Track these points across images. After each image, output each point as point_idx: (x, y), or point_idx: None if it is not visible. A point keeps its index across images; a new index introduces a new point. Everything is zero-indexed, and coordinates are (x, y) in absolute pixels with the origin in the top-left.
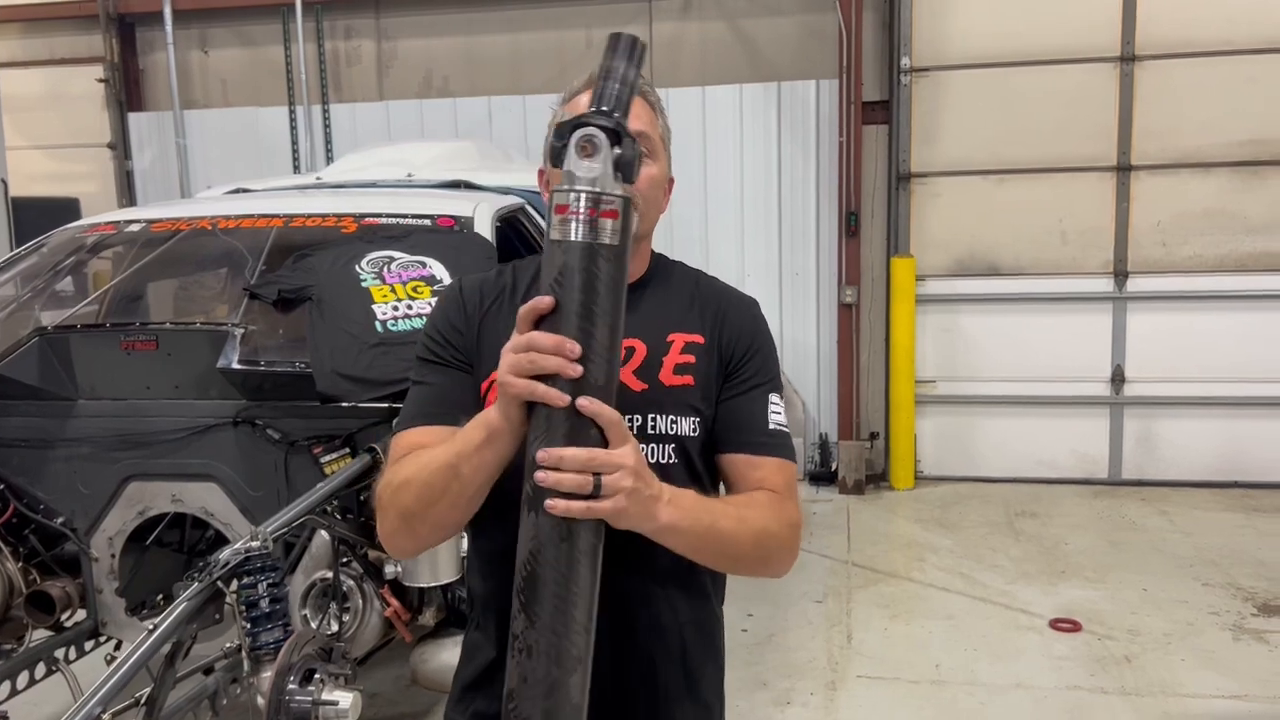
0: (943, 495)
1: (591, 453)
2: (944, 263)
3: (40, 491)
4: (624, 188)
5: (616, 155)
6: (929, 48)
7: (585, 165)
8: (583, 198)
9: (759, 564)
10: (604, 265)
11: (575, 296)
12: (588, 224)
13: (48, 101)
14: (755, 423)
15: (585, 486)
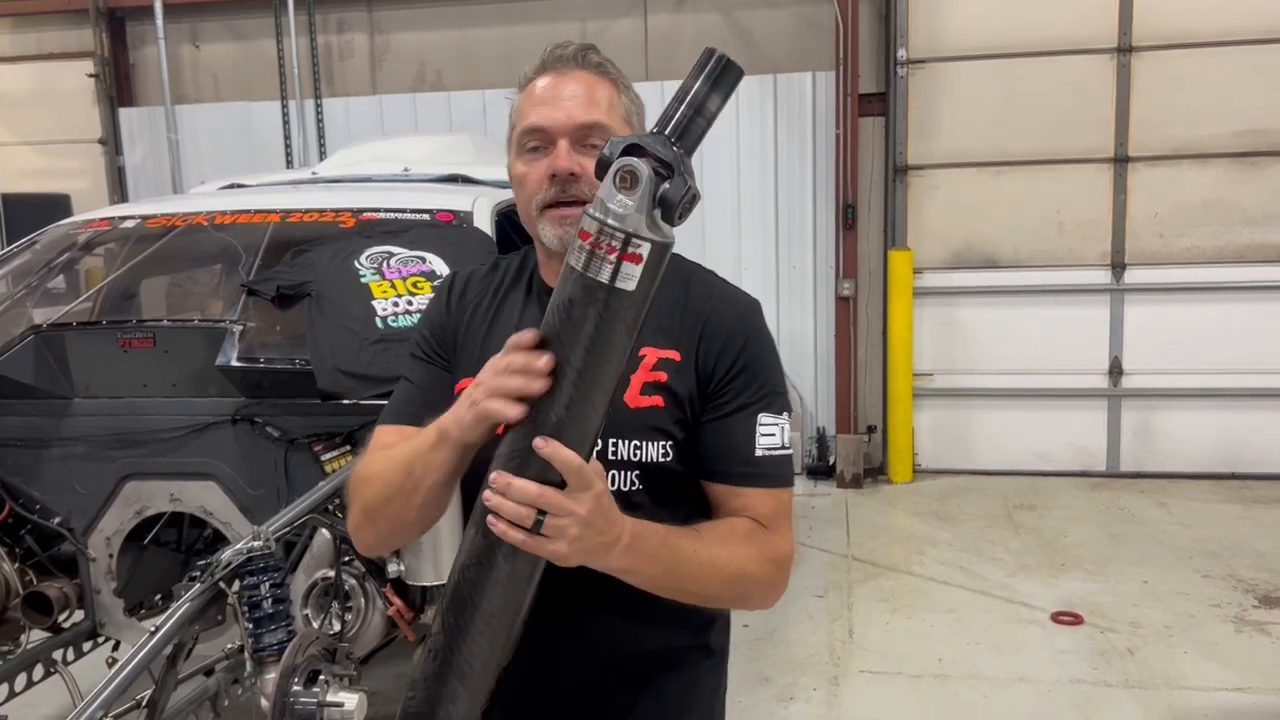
0: (941, 488)
1: (542, 490)
2: (942, 255)
3: (37, 491)
4: (663, 230)
5: (662, 192)
6: (925, 39)
7: (619, 199)
8: (606, 233)
9: (734, 602)
10: (611, 310)
11: (570, 332)
12: (605, 262)
13: (38, 97)
14: (737, 450)
15: (525, 520)
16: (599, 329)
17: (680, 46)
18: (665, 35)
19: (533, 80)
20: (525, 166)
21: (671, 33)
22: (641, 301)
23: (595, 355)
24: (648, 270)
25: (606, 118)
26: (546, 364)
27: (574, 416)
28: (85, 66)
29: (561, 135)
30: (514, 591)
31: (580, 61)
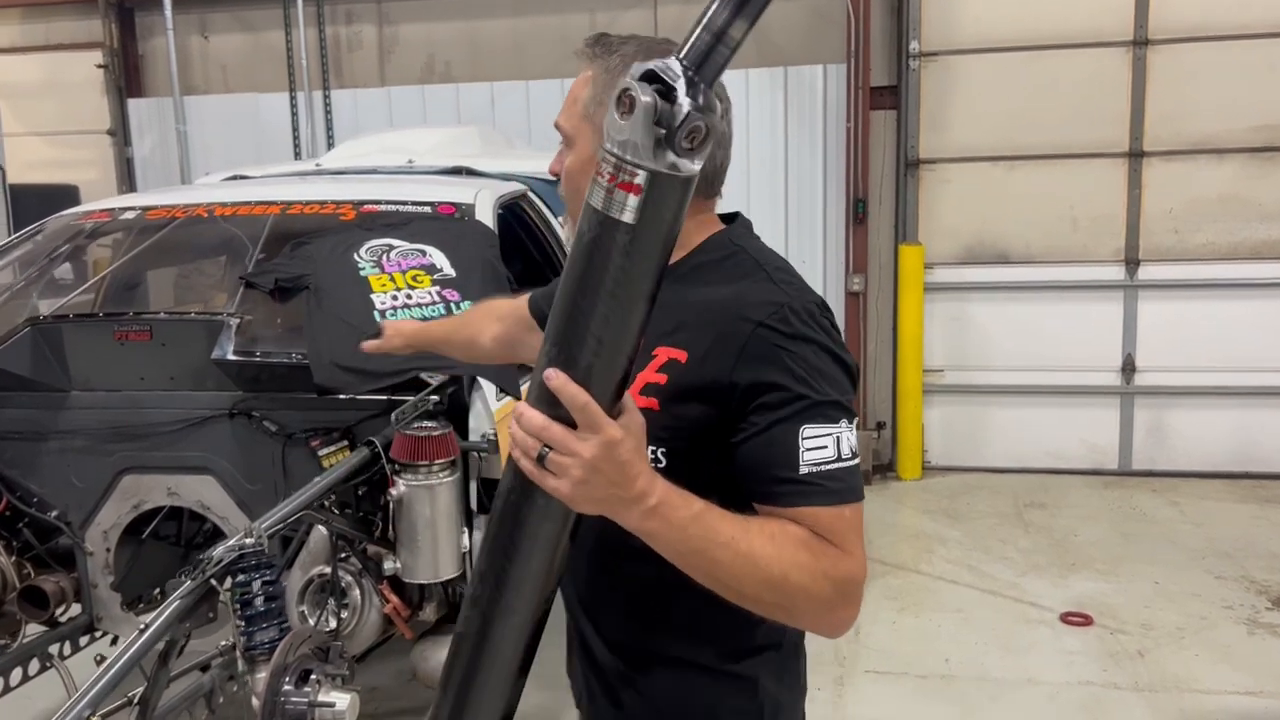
0: (951, 485)
1: (546, 423)
2: (953, 250)
3: (34, 484)
4: (668, 160)
5: (661, 122)
6: (938, 32)
7: (618, 124)
8: (604, 159)
9: (778, 612)
10: (614, 244)
11: (579, 265)
12: (605, 191)
13: (47, 88)
14: (775, 467)
15: (531, 450)
16: (605, 264)
17: None
18: (676, 27)
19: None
20: (557, 163)
21: (682, 24)
22: (656, 239)
23: (607, 293)
24: (652, 202)
25: (563, 119)
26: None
27: (589, 355)
28: (94, 57)
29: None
30: (547, 521)
31: (581, 55)
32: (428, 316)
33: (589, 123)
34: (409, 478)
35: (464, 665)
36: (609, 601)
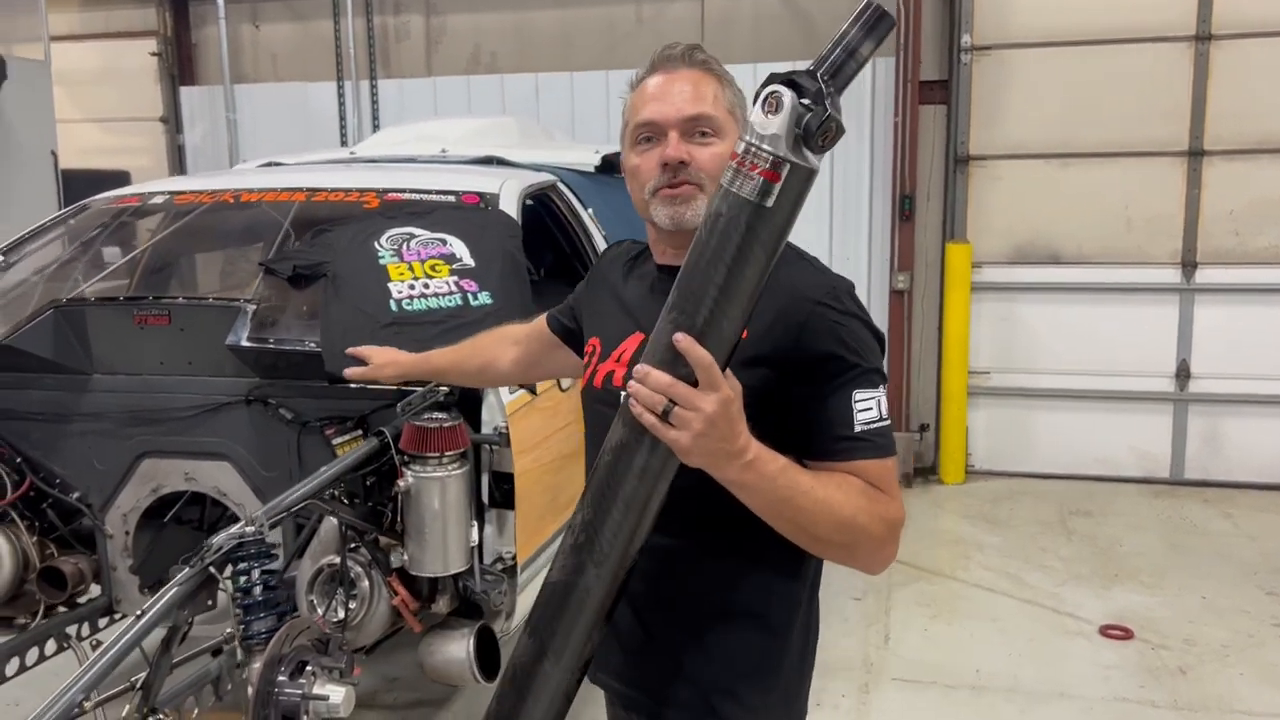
0: (994, 491)
1: (673, 381)
2: (1002, 249)
3: (57, 466)
4: (805, 156)
5: (806, 120)
6: (992, 25)
7: (762, 120)
8: (751, 151)
9: (844, 551)
10: (752, 224)
11: (715, 243)
12: (748, 178)
13: (103, 75)
14: (834, 426)
15: (656, 406)
16: (739, 242)
17: (737, 29)
18: (722, 18)
19: (644, 79)
20: (638, 158)
21: (729, 16)
22: (782, 223)
23: (734, 267)
24: (787, 190)
25: (712, 109)
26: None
27: (712, 322)
28: (149, 46)
29: (672, 127)
30: (646, 482)
31: (688, 60)
32: (443, 306)
33: (733, 118)
34: (418, 469)
35: (560, 608)
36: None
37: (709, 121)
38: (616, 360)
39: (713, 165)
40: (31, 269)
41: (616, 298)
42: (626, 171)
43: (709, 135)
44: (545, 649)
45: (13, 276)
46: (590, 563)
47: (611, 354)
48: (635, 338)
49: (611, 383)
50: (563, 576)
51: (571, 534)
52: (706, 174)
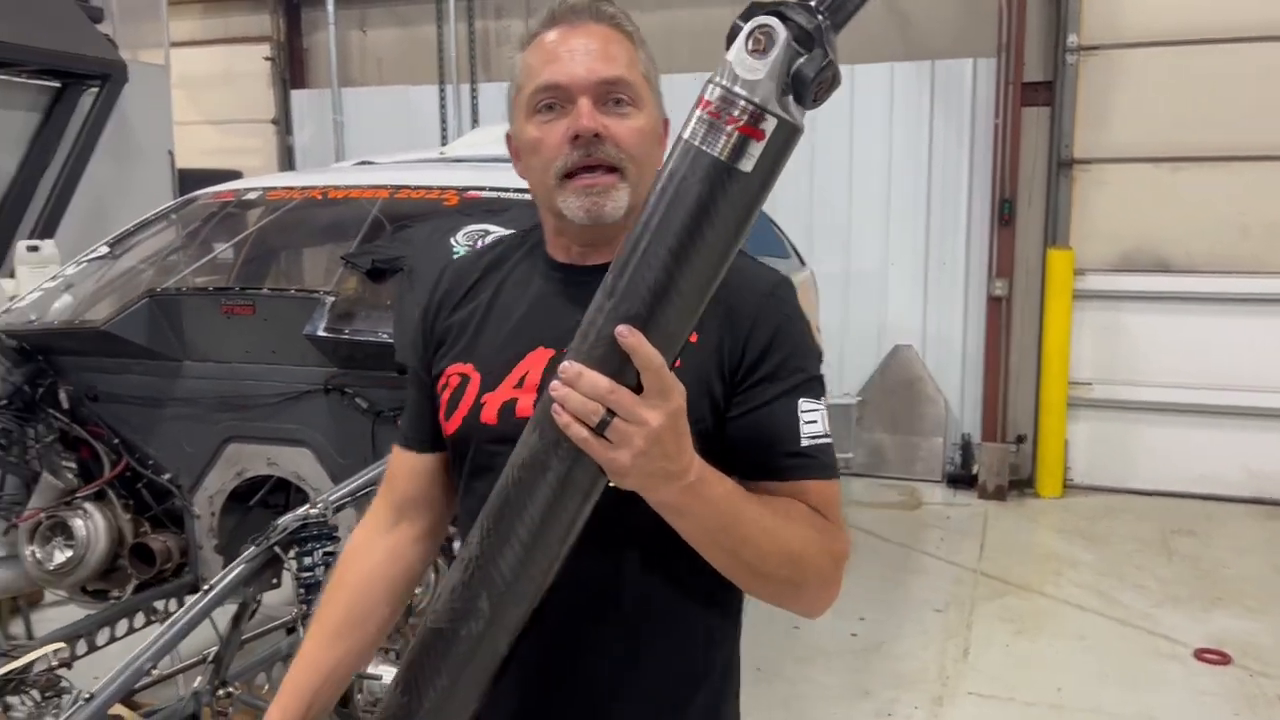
0: (1092, 506)
1: (614, 387)
2: (1107, 256)
3: (151, 448)
4: (792, 110)
5: (797, 65)
6: (1100, 24)
7: (747, 62)
8: (730, 100)
9: (787, 589)
10: (724, 192)
11: (670, 211)
12: (723, 134)
13: (220, 79)
14: (781, 440)
15: (591, 416)
16: (702, 213)
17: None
18: None
19: (540, 34)
20: (539, 130)
21: None
22: (757, 190)
23: (693, 245)
24: (769, 152)
25: (628, 73)
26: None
27: (662, 313)
28: (263, 50)
29: (582, 92)
30: (565, 504)
31: (594, 14)
32: None
33: (649, 84)
34: None
35: (443, 658)
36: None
37: (626, 88)
38: (517, 386)
39: (633, 142)
40: (134, 260)
41: (497, 311)
42: (522, 146)
43: (626, 104)
44: (419, 709)
45: (118, 267)
46: (485, 606)
47: (505, 379)
48: (538, 355)
49: (513, 415)
50: (448, 623)
51: (462, 571)
52: (627, 154)
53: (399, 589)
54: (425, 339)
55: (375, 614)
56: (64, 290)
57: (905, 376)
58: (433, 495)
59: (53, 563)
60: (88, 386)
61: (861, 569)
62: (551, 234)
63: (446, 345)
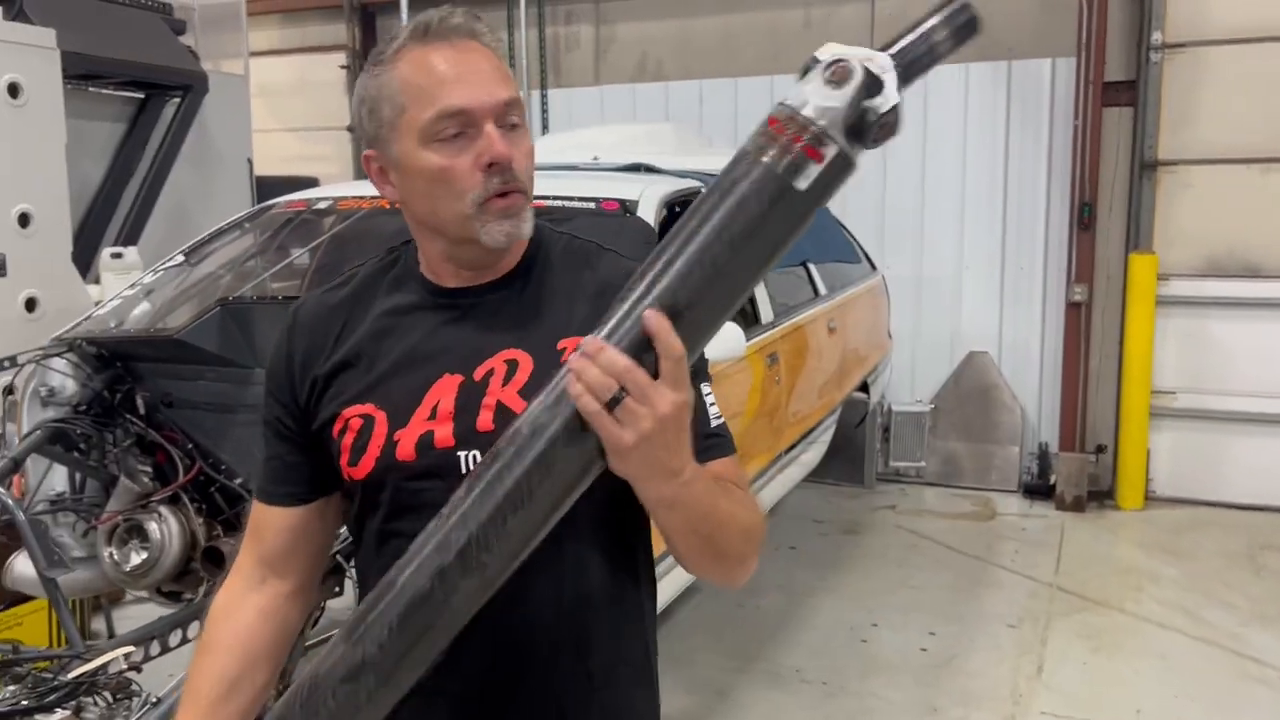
0: (1176, 519)
1: (632, 366)
2: (1193, 261)
3: (223, 453)
4: (850, 146)
5: (864, 105)
6: (1186, 20)
7: (821, 91)
8: (798, 121)
9: (736, 563)
10: (776, 206)
11: (721, 215)
12: (787, 152)
13: (297, 87)
14: (697, 424)
15: (604, 391)
16: (755, 221)
17: None
18: (893, 20)
19: (414, 51)
20: (443, 158)
21: (899, 18)
22: (804, 212)
23: (740, 248)
24: (823, 177)
25: (516, 91)
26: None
27: (695, 307)
28: (338, 59)
29: (486, 117)
30: (557, 482)
31: (471, 31)
32: None
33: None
34: None
35: (407, 618)
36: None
37: (518, 108)
38: (430, 418)
39: (528, 165)
40: (209, 268)
41: (385, 345)
42: (415, 173)
43: (518, 126)
44: (368, 664)
45: (193, 275)
46: (460, 569)
47: (415, 413)
48: (446, 382)
49: (433, 447)
50: (419, 580)
51: (438, 531)
52: (525, 176)
53: (276, 650)
54: (291, 388)
55: (252, 679)
56: (142, 298)
57: (980, 384)
58: (304, 549)
59: (129, 564)
60: (163, 392)
61: (932, 581)
62: (439, 259)
63: (330, 390)
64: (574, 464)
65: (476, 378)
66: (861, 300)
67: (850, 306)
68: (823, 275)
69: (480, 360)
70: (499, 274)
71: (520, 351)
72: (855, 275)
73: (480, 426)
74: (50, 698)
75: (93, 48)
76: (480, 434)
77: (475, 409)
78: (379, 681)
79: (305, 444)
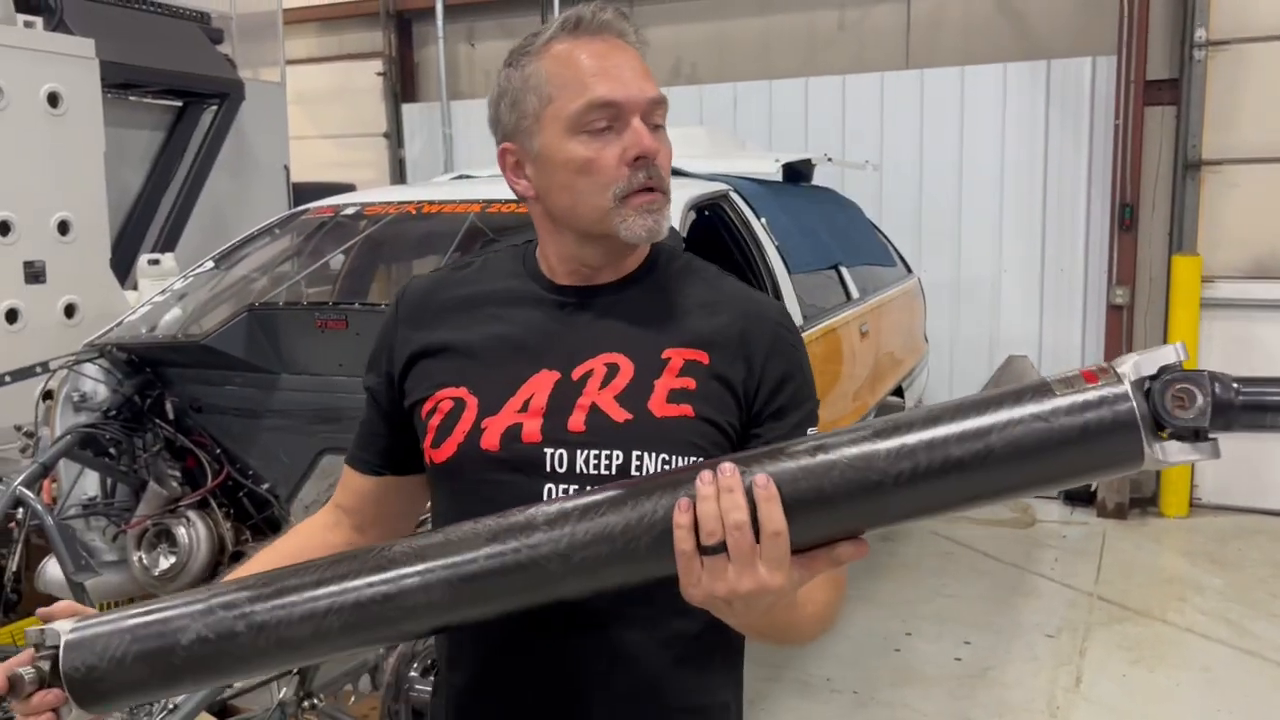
0: (1221, 527)
1: (744, 525)
2: (1239, 263)
3: (250, 458)
4: (1152, 453)
5: (1178, 416)
6: (1230, 17)
7: (1173, 412)
8: (1111, 378)
9: (806, 639)
10: (1040, 452)
11: (987, 439)
12: (1079, 394)
13: (335, 94)
14: None
15: (709, 534)
16: (1003, 441)
17: (945, 33)
18: (929, 21)
19: (563, 44)
20: (588, 149)
21: (936, 18)
22: (1057, 466)
23: (966, 474)
24: (1106, 448)
25: (659, 92)
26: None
27: (837, 498)
28: (375, 66)
29: (635, 112)
30: (622, 564)
31: (619, 30)
32: None
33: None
34: None
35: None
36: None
37: (663, 110)
38: (521, 410)
39: (669, 166)
40: (238, 275)
41: (489, 333)
42: (559, 165)
43: (661, 127)
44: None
45: (223, 281)
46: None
47: (508, 403)
48: (543, 378)
49: (519, 440)
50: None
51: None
52: (666, 178)
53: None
54: (389, 360)
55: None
56: (173, 304)
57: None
58: (376, 515)
59: (158, 568)
60: (192, 398)
61: (969, 590)
62: (561, 257)
63: (426, 369)
64: (642, 563)
65: (574, 377)
66: (896, 303)
67: (884, 310)
68: (855, 278)
69: (581, 360)
70: (612, 278)
71: (622, 356)
72: (889, 278)
73: (571, 426)
74: None
75: (131, 57)
76: (570, 434)
77: (569, 408)
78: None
79: (393, 418)
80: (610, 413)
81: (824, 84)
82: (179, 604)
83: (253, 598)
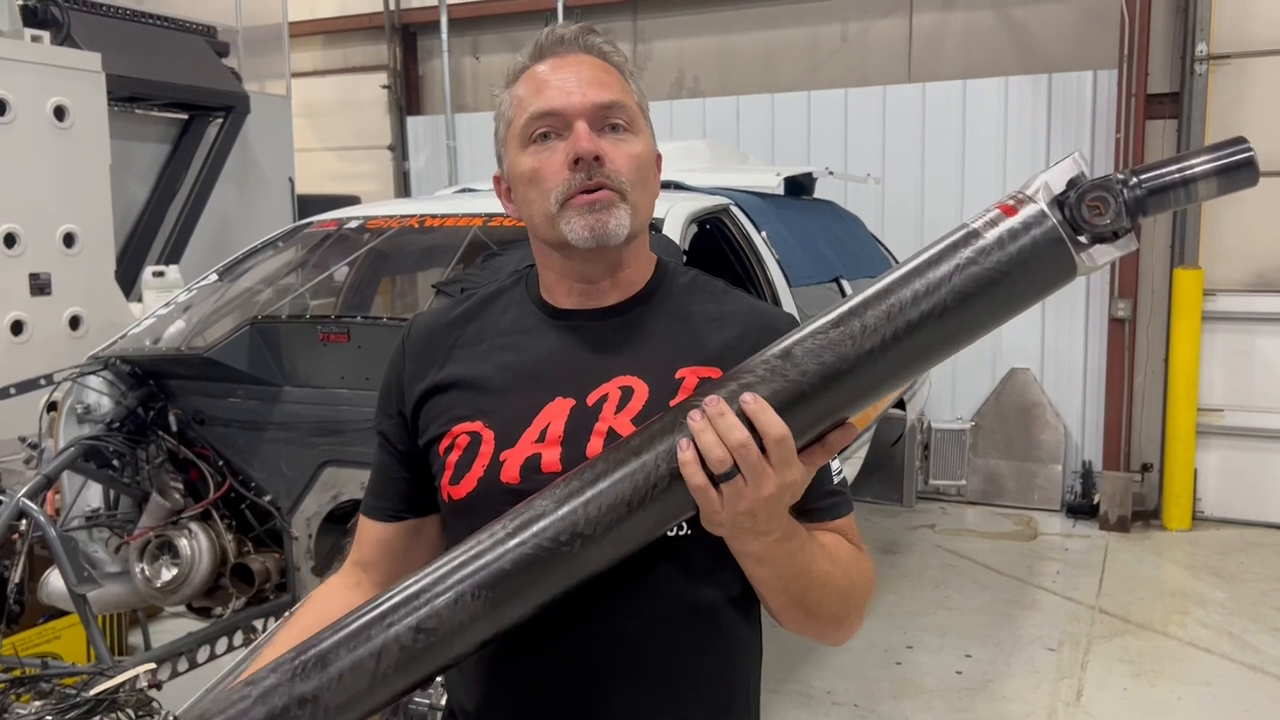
0: (1224, 540)
1: (747, 442)
2: (1241, 276)
3: (252, 470)
4: (1080, 257)
5: (1096, 223)
6: (1232, 31)
7: (1089, 217)
8: (1024, 200)
9: (830, 623)
10: (1000, 285)
11: (921, 283)
12: (1069, 242)
13: (339, 107)
14: (819, 483)
15: (718, 464)
16: (949, 293)
17: (946, 46)
18: (931, 35)
19: (528, 67)
20: (535, 160)
21: (938, 32)
22: (1011, 297)
23: (933, 317)
24: (1035, 260)
25: (623, 97)
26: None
27: (817, 389)
28: (380, 79)
29: (578, 116)
30: (644, 513)
31: (583, 44)
32: None
33: (643, 112)
34: None
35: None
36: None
37: (622, 111)
38: (538, 440)
39: (631, 168)
40: (241, 287)
41: (499, 364)
42: (516, 181)
43: (623, 130)
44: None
45: (226, 294)
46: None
47: (524, 435)
48: (558, 406)
49: (539, 471)
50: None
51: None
52: (625, 179)
53: None
54: (400, 399)
55: None
56: (176, 317)
57: (1022, 401)
58: (396, 564)
59: (160, 580)
60: (195, 410)
61: (970, 602)
62: (554, 276)
63: (438, 406)
64: (663, 508)
65: (589, 403)
66: None
67: None
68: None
69: (594, 385)
70: (618, 299)
71: (636, 379)
72: None
73: (590, 453)
74: (71, 714)
75: (137, 70)
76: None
77: (586, 434)
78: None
79: (409, 460)
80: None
81: (826, 97)
82: (225, 708)
83: (294, 675)
